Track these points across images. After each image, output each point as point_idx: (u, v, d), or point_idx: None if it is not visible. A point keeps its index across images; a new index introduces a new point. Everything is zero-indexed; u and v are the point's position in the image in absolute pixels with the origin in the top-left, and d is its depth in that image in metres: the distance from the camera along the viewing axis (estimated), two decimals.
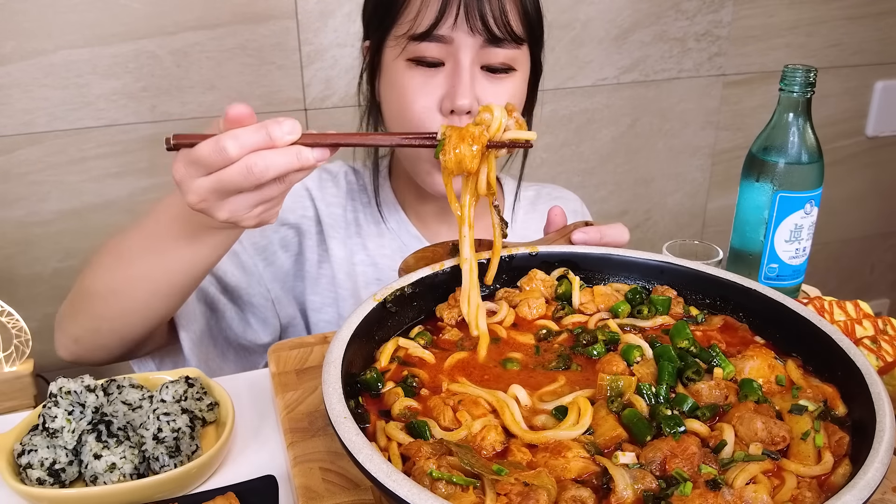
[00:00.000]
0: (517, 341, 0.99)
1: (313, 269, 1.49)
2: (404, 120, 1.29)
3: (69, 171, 2.06)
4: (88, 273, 1.16)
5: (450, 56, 1.25)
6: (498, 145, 1.01)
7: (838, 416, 0.84)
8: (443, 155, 0.98)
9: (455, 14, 1.21)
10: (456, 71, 1.24)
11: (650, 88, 2.61)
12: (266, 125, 0.89)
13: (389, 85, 1.31)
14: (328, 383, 0.78)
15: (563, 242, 1.19)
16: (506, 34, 1.23)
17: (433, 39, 1.23)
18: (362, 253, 1.50)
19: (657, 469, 0.74)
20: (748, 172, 1.27)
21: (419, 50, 1.24)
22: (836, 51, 2.77)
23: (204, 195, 0.92)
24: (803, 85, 1.21)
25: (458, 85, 1.23)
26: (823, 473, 0.75)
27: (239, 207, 0.94)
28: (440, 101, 1.26)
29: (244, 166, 0.88)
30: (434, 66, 1.26)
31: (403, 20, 1.25)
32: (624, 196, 2.75)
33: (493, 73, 1.27)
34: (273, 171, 0.89)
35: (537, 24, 1.32)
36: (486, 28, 1.21)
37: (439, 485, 0.69)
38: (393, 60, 1.29)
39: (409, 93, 1.27)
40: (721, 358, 0.91)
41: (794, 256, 1.27)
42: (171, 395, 0.97)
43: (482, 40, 1.23)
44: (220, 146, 0.88)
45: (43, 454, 0.89)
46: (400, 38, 1.26)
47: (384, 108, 1.36)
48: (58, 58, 1.96)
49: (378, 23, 1.31)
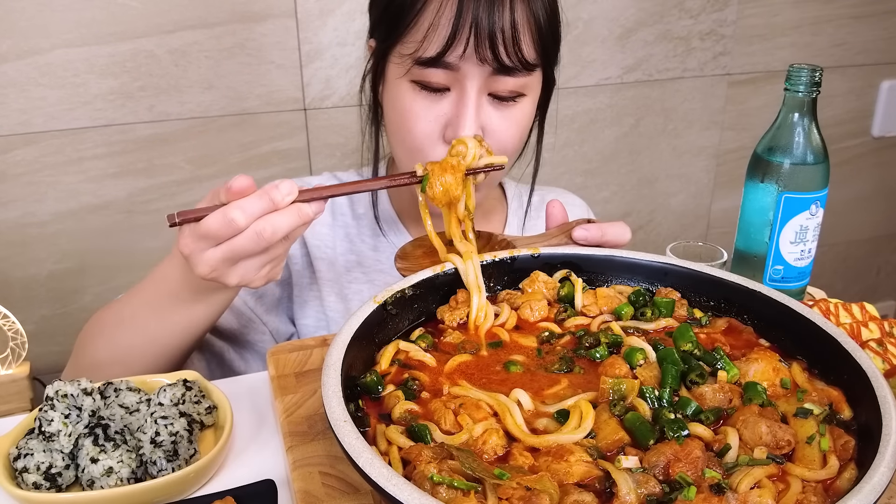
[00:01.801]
0: (519, 344, 0.98)
1: (303, 292, 1.47)
2: (405, 142, 1.26)
3: (66, 172, 2.06)
4: (89, 343, 1.20)
5: (456, 82, 1.20)
6: (475, 172, 1.14)
7: (844, 419, 0.83)
8: (429, 188, 1.09)
9: (465, 43, 1.14)
10: (461, 99, 1.19)
11: (654, 88, 2.60)
12: (267, 191, 0.96)
13: (392, 101, 1.27)
14: (328, 386, 0.78)
15: (563, 239, 1.18)
16: (517, 62, 1.17)
17: (440, 66, 1.17)
18: (357, 270, 1.46)
19: (660, 473, 0.74)
20: (753, 173, 1.26)
21: (424, 75, 1.19)
22: (842, 50, 2.76)
23: (215, 265, 0.98)
24: (808, 84, 1.20)
25: (462, 115, 1.19)
26: (829, 478, 0.74)
27: (248, 270, 1.01)
28: (443, 128, 1.22)
29: (253, 233, 0.96)
30: (439, 91, 1.21)
31: (410, 39, 1.19)
32: (627, 197, 2.75)
33: (502, 100, 1.23)
34: (281, 232, 0.97)
35: (552, 44, 1.25)
36: (496, 58, 1.15)
37: (440, 489, 0.69)
38: (397, 78, 1.24)
39: (411, 116, 1.23)
40: (725, 361, 0.90)
41: (799, 258, 1.26)
42: (168, 399, 0.97)
43: (491, 70, 1.17)
44: (228, 218, 0.94)
45: (39, 458, 0.88)
46: (405, 57, 1.20)
47: (386, 120, 1.33)
48: (54, 57, 1.95)
49: (384, 33, 1.25)
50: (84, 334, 1.23)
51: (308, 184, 1.49)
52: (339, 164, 2.27)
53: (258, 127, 2.16)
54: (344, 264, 1.46)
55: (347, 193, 1.07)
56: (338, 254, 1.47)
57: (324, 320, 1.45)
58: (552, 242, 1.19)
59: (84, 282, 2.17)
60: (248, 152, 2.19)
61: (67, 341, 2.09)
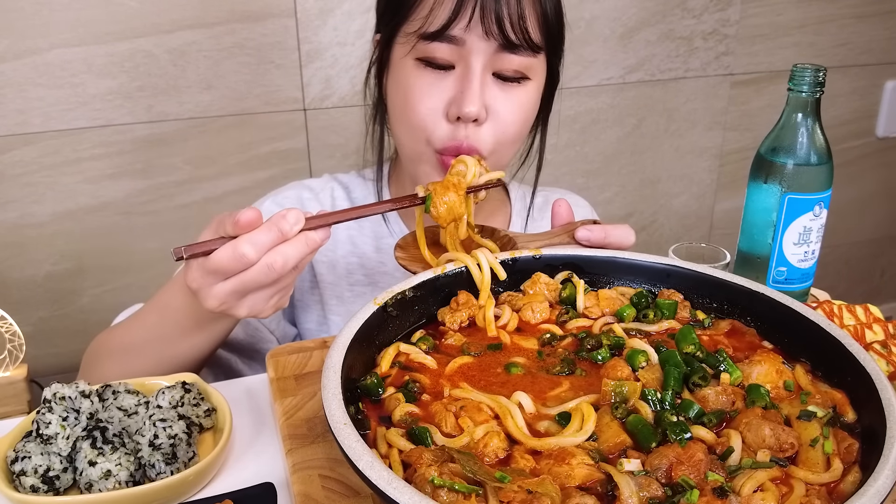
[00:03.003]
0: (520, 346, 0.98)
1: (304, 296, 1.46)
2: (408, 121, 1.25)
3: (64, 173, 2.06)
4: (97, 367, 1.20)
5: (461, 59, 1.19)
6: (476, 189, 1.15)
7: (848, 422, 0.82)
8: (433, 208, 1.10)
9: (470, 15, 1.14)
10: (466, 75, 1.19)
11: (656, 88, 2.60)
12: (275, 223, 0.96)
13: (396, 83, 1.27)
14: (328, 389, 0.77)
15: (567, 238, 1.18)
16: (522, 40, 1.17)
17: (444, 40, 1.17)
18: (359, 272, 1.45)
19: (663, 476, 0.73)
20: (756, 174, 1.26)
21: (429, 50, 1.19)
22: (845, 50, 2.76)
23: (224, 298, 0.98)
24: (812, 85, 1.19)
25: (467, 91, 1.19)
26: (833, 481, 0.74)
27: (258, 302, 1.01)
28: (447, 105, 1.21)
29: (265, 266, 0.96)
30: (444, 69, 1.21)
31: (415, 17, 1.19)
32: (629, 198, 2.74)
33: (506, 80, 1.22)
34: (291, 263, 0.97)
35: (557, 32, 1.25)
36: (501, 32, 1.15)
37: (441, 492, 0.68)
38: (401, 58, 1.24)
39: (415, 93, 1.22)
40: (728, 363, 0.90)
41: (802, 259, 1.26)
42: (167, 401, 0.96)
43: (496, 45, 1.17)
44: (239, 253, 0.94)
45: (37, 461, 0.87)
46: (410, 35, 1.20)
47: (389, 107, 1.32)
48: (52, 56, 1.95)
49: (390, 17, 1.25)
50: (90, 357, 1.23)
51: (307, 186, 1.49)
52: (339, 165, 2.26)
53: (257, 127, 2.15)
54: (346, 267, 1.45)
55: (354, 218, 1.06)
56: (339, 256, 1.46)
57: (325, 324, 1.45)
58: (555, 241, 1.18)
59: (82, 283, 2.17)
60: (248, 153, 2.19)
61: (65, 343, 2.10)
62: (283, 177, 2.21)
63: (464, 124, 1.21)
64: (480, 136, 1.22)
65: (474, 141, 1.22)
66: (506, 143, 1.26)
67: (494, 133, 1.23)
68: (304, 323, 1.45)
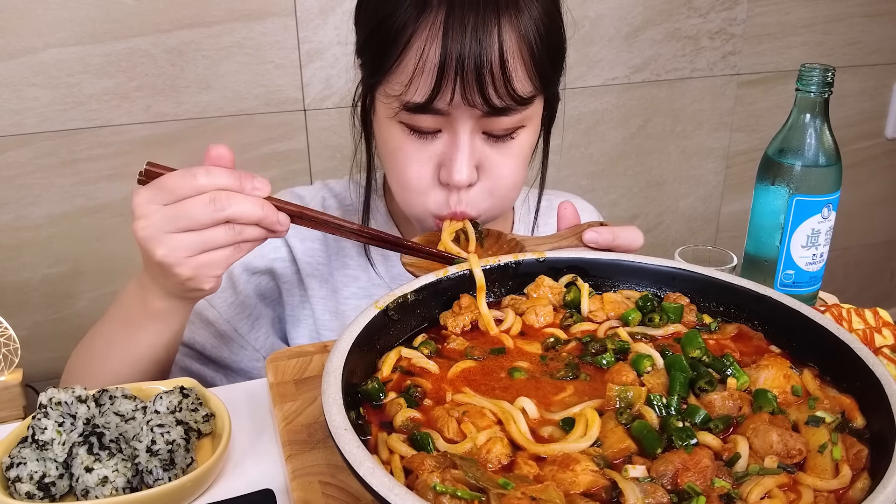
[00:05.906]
0: (524, 350, 0.97)
1: (295, 311, 1.43)
2: (399, 182, 1.22)
3: (60, 174, 2.05)
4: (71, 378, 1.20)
5: (447, 124, 1.14)
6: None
7: (857, 427, 0.81)
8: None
9: (451, 90, 1.08)
10: (454, 142, 1.14)
11: (662, 88, 2.59)
12: (239, 173, 0.96)
13: (383, 138, 1.22)
14: (328, 394, 0.76)
15: (574, 241, 1.17)
16: (509, 103, 1.11)
17: (428, 111, 1.11)
18: (354, 285, 1.42)
19: (669, 483, 0.72)
20: (763, 175, 1.25)
21: (413, 119, 1.14)
22: (854, 49, 2.74)
23: (155, 220, 0.95)
24: (820, 85, 1.18)
25: (455, 159, 1.14)
26: (841, 487, 0.73)
27: (179, 246, 0.96)
28: (436, 170, 1.18)
29: (209, 197, 0.94)
30: (431, 132, 1.16)
31: (395, 80, 1.12)
32: (635, 199, 2.74)
33: (497, 138, 1.17)
34: (234, 209, 0.95)
35: (551, 65, 1.17)
36: (486, 102, 1.09)
37: (443, 499, 0.68)
38: (386, 118, 1.18)
39: (403, 157, 1.18)
40: (735, 368, 0.89)
41: (810, 262, 1.25)
42: (165, 406, 0.95)
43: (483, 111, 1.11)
44: (190, 173, 0.94)
45: (32, 467, 0.87)
46: (392, 98, 1.13)
47: (379, 152, 1.27)
48: (48, 56, 1.95)
49: (369, 67, 1.18)
50: (69, 365, 1.23)
51: (297, 195, 1.45)
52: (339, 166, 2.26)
53: (257, 128, 2.14)
54: (341, 279, 1.42)
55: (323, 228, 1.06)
56: (333, 269, 1.43)
57: (317, 338, 1.41)
58: (562, 244, 1.17)
59: (78, 287, 2.16)
60: (247, 154, 2.18)
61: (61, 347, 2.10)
62: (283, 178, 2.21)
63: (455, 190, 1.18)
64: (472, 199, 1.20)
65: (466, 206, 1.19)
66: (502, 197, 1.24)
67: (490, 190, 1.20)
68: (296, 339, 1.43)
